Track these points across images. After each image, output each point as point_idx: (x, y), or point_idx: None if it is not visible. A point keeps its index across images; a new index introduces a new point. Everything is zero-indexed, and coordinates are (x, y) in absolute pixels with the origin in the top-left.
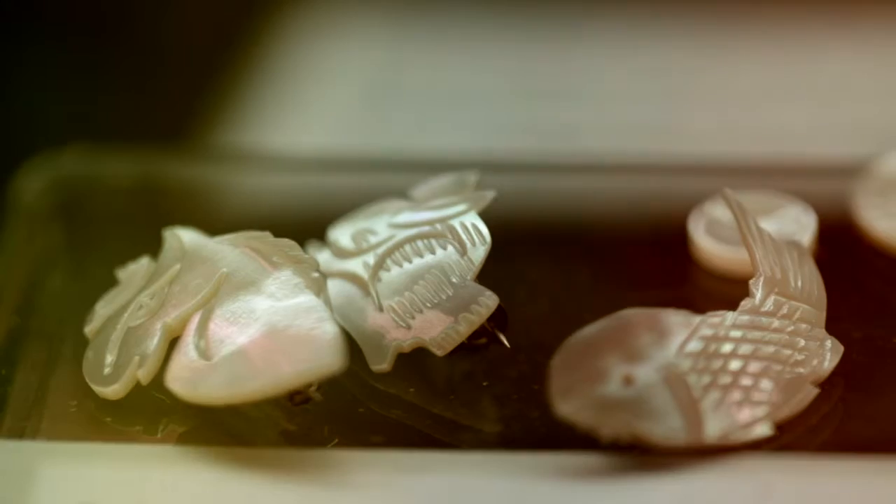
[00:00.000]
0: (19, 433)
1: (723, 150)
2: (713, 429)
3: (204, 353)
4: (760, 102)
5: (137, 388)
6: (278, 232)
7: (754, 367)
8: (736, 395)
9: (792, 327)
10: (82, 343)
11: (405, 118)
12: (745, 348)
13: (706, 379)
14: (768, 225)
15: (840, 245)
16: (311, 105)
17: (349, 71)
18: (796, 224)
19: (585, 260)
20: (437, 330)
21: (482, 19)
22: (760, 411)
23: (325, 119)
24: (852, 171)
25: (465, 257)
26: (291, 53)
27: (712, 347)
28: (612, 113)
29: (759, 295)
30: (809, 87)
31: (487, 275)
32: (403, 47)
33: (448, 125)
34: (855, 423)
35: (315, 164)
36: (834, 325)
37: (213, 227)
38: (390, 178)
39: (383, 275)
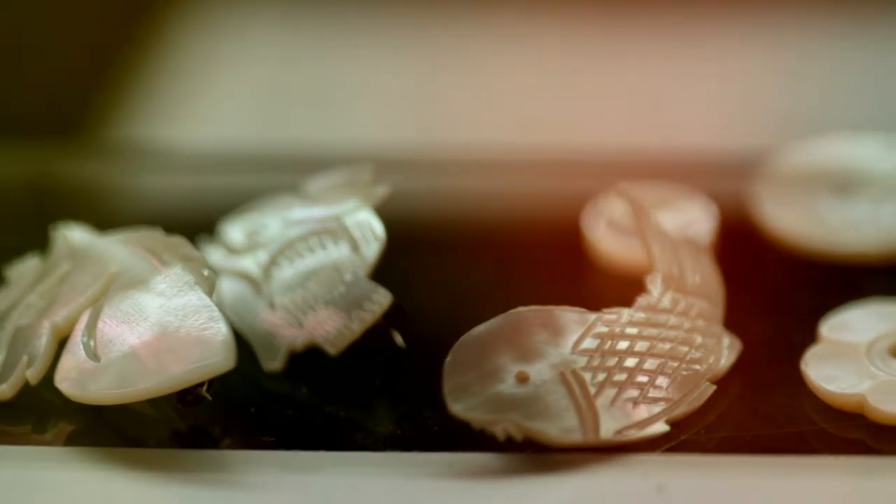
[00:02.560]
0: None
1: (619, 144)
2: (608, 426)
3: (93, 353)
4: (658, 96)
5: (26, 388)
6: (169, 229)
7: (650, 364)
8: (632, 393)
9: (689, 324)
10: None
11: (299, 114)
12: (642, 345)
13: (601, 376)
14: (666, 218)
15: (739, 239)
16: (205, 101)
17: (244, 67)
18: (694, 217)
19: (480, 257)
20: (331, 328)
21: (377, 15)
22: (656, 408)
23: (218, 115)
24: (752, 165)
25: (358, 254)
26: (186, 49)
27: (608, 344)
28: (507, 109)
29: (655, 291)
30: (709, 80)
31: (382, 272)
32: (298, 44)
33: (343, 121)
34: (752, 420)
35: (207, 160)
36: (732, 322)
37: (104, 224)
38: (283, 173)
39: (275, 273)
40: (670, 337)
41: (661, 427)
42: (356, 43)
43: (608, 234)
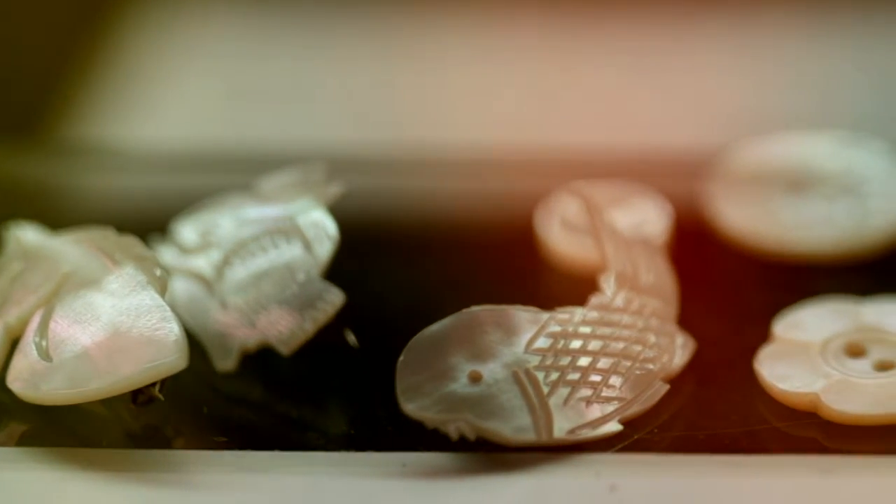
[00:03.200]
0: None
1: (573, 142)
2: (561, 426)
3: (45, 354)
4: (612, 95)
5: None
6: (122, 229)
7: (604, 363)
8: (585, 392)
9: (642, 323)
10: None
11: (251, 114)
12: (595, 344)
13: (554, 375)
14: (620, 217)
15: (693, 238)
16: (158, 101)
17: (197, 67)
18: (648, 216)
19: (434, 256)
20: (283, 328)
21: (330, 15)
22: (610, 408)
23: (171, 115)
24: (705, 164)
25: (311, 254)
26: (138, 49)
27: (561, 344)
28: (461, 108)
29: (609, 291)
30: (663, 79)
31: (335, 272)
32: (251, 44)
33: (295, 121)
34: (705, 419)
35: (160, 160)
36: (686, 321)
37: (56, 224)
38: (236, 173)
39: (228, 272)
40: (624, 336)
41: (614, 426)
42: (309, 43)
43: (562, 233)
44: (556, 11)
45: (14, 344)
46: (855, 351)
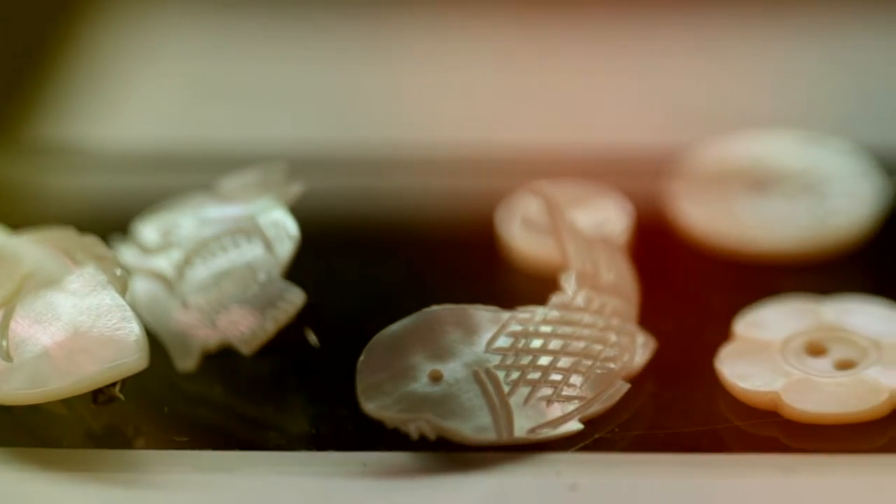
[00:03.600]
0: None
1: (534, 142)
2: (522, 425)
3: (6, 354)
4: (573, 94)
5: None
6: (83, 229)
7: (564, 362)
8: (545, 391)
9: (603, 322)
10: None
11: (212, 113)
12: (555, 344)
13: (515, 375)
14: (581, 217)
15: (654, 237)
16: (118, 100)
17: (158, 66)
18: (609, 215)
19: (395, 256)
20: (244, 328)
21: (291, 14)
22: (570, 407)
23: (132, 114)
24: (667, 163)
25: (272, 254)
26: (99, 49)
27: (521, 343)
28: (421, 107)
29: (570, 290)
30: (623, 78)
31: (296, 271)
32: (212, 43)
33: (256, 120)
34: (666, 418)
35: (121, 160)
36: (647, 320)
37: (16, 224)
38: (197, 172)
39: (189, 272)
40: (584, 335)
41: (574, 425)
42: (269, 43)
43: (523, 233)
44: (518, 11)
45: None
46: (815, 350)
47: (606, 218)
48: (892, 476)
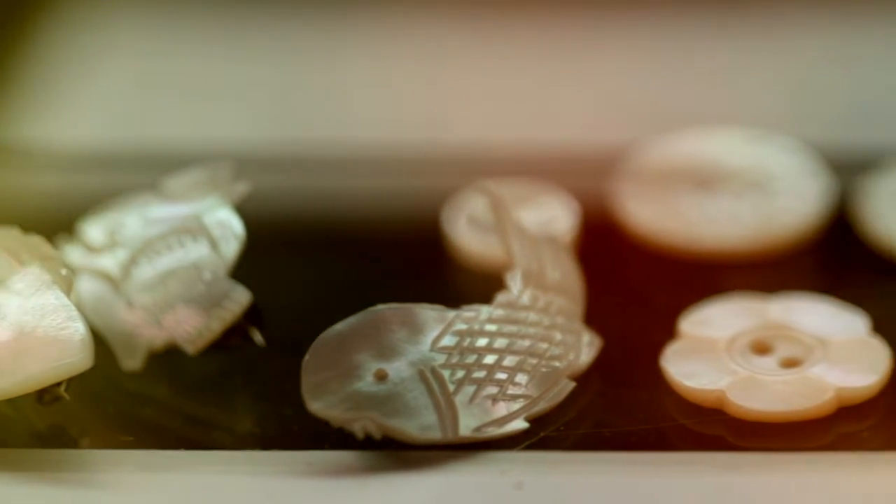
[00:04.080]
0: None
1: (480, 140)
2: (467, 424)
3: None
4: (518, 92)
5: None
6: (28, 228)
7: (509, 361)
8: (491, 390)
9: (549, 321)
10: None
11: (158, 112)
12: (501, 342)
13: (460, 374)
14: (527, 215)
15: (600, 236)
16: (64, 100)
17: (103, 65)
18: (555, 214)
19: (340, 255)
20: (190, 327)
21: (237, 13)
22: (516, 405)
23: (78, 114)
24: (612, 161)
25: (218, 253)
26: (44, 48)
27: (467, 342)
28: (367, 106)
29: (515, 288)
30: (569, 76)
31: (241, 270)
32: (158, 42)
33: (202, 119)
34: (611, 417)
35: (67, 159)
36: (592, 319)
37: None
38: (143, 172)
39: (135, 272)
40: (530, 334)
41: (520, 424)
42: (216, 42)
43: (468, 231)
44: (461, 9)
45: None
46: (761, 348)
47: (552, 216)
48: (837, 474)
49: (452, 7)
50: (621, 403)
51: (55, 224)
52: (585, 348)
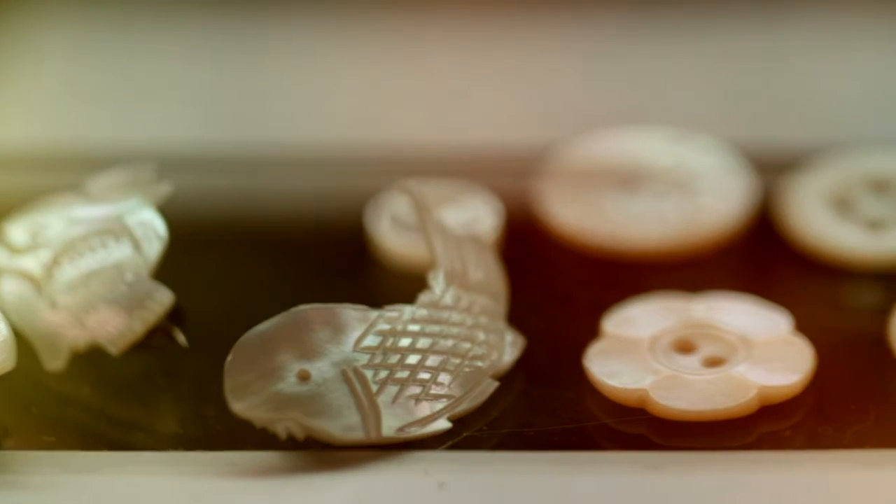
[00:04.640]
0: None
1: (403, 140)
2: (390, 424)
3: None
4: (442, 92)
5: None
6: None
7: (432, 361)
8: (414, 390)
9: (471, 321)
10: None
11: (80, 113)
12: (423, 342)
13: (383, 374)
14: (449, 215)
15: (523, 235)
16: None
17: (26, 66)
18: (478, 213)
19: (263, 255)
20: (113, 328)
21: (162, 13)
22: (439, 405)
23: (2, 114)
24: (536, 161)
25: (140, 254)
26: None
27: (389, 342)
28: (290, 106)
29: (438, 288)
30: (493, 76)
31: (164, 271)
32: (81, 42)
33: (125, 119)
34: (535, 416)
35: None
36: (515, 318)
37: None
38: (66, 172)
39: (57, 272)
40: (452, 334)
41: (443, 424)
42: (140, 42)
43: (391, 231)
44: (381, 10)
45: None
46: (684, 347)
47: (475, 216)
48: (760, 473)
49: (372, 8)
50: (544, 403)
51: None
52: (509, 348)
